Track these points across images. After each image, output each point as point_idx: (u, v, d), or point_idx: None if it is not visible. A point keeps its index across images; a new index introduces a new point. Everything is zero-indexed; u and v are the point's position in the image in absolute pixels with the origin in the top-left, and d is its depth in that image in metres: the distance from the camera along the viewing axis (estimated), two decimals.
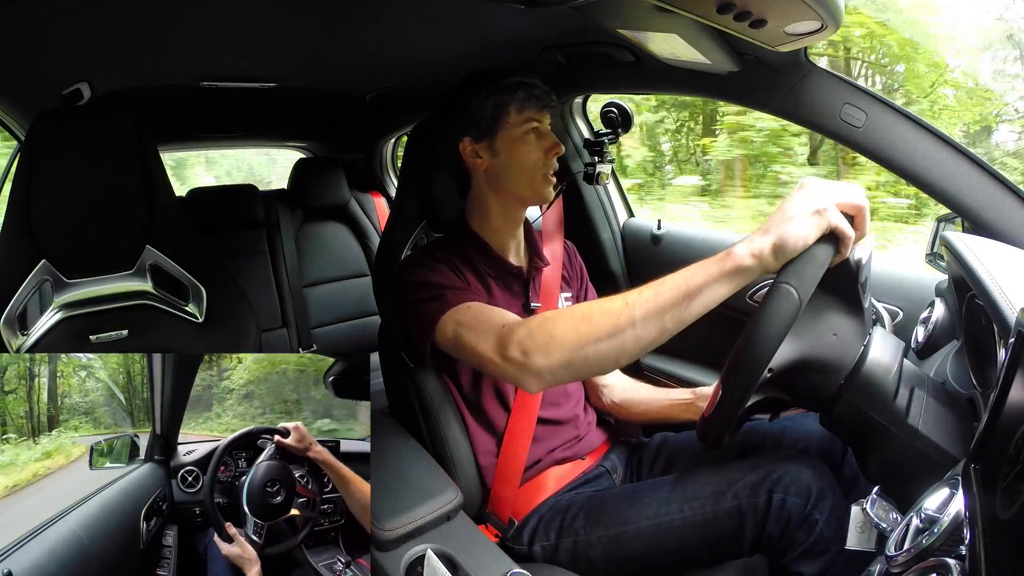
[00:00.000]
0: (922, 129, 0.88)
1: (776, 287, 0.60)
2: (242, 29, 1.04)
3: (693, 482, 0.85)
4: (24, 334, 0.89)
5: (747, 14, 0.70)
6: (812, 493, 0.75)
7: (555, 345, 0.70)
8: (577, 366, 0.69)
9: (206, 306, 0.98)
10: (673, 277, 0.66)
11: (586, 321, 0.68)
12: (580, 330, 0.68)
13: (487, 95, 0.94)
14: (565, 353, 0.69)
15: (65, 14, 0.87)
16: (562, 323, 0.70)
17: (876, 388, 0.66)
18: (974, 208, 0.85)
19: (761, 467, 0.80)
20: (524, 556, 0.93)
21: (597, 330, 0.67)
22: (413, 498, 0.83)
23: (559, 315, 0.72)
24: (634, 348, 0.67)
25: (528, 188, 0.96)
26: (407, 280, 0.92)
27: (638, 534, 0.84)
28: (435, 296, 0.87)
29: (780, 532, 0.76)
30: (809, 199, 0.61)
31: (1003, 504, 0.42)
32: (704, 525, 0.80)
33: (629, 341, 0.66)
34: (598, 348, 0.67)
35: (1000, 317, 0.60)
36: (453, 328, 0.83)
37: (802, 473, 0.77)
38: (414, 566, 0.77)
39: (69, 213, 0.89)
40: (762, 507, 0.77)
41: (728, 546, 0.80)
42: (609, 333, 0.67)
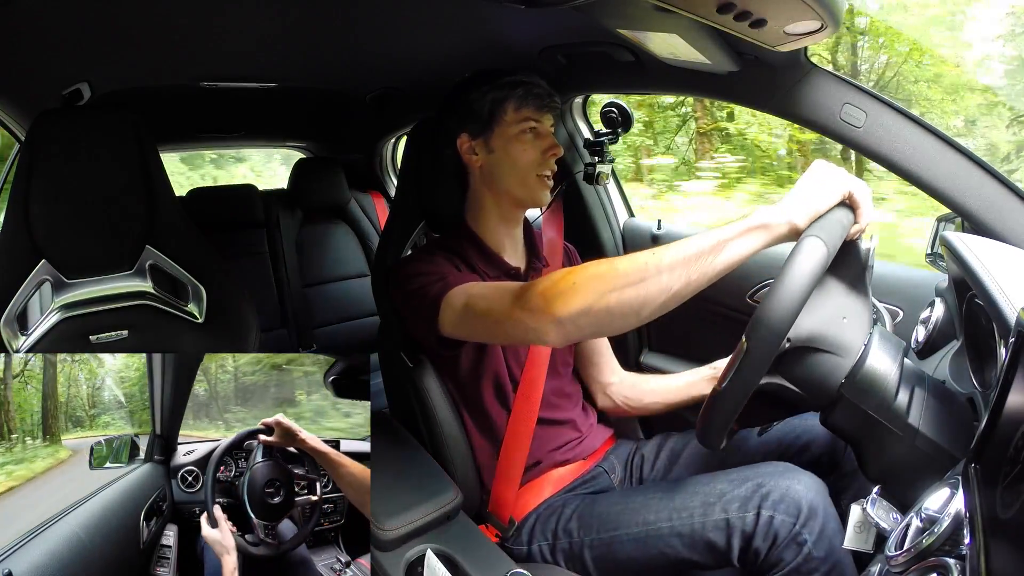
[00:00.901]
0: (922, 129, 0.88)
1: (804, 239, 0.62)
2: (242, 29, 1.04)
3: (684, 491, 0.84)
4: (24, 334, 0.89)
5: (747, 14, 0.70)
6: (802, 511, 0.74)
7: (577, 291, 0.67)
8: (599, 314, 0.67)
9: (206, 306, 0.98)
10: (696, 235, 0.67)
11: (611, 269, 0.67)
12: (605, 276, 0.67)
13: (487, 91, 0.94)
14: (588, 299, 0.66)
15: (65, 14, 0.87)
16: (585, 272, 0.69)
17: (876, 388, 0.66)
18: (974, 208, 0.85)
19: (752, 480, 0.79)
20: (523, 556, 0.93)
21: (623, 276, 0.66)
22: (413, 498, 0.83)
23: (583, 266, 0.70)
24: (659, 296, 0.65)
25: (521, 188, 0.96)
26: (405, 273, 0.91)
27: (628, 539, 0.84)
28: (436, 280, 0.86)
29: (767, 549, 0.75)
30: (826, 172, 0.66)
31: (1003, 504, 0.42)
32: (692, 535, 0.80)
33: (653, 289, 0.65)
34: (622, 295, 0.65)
35: (1000, 317, 0.60)
36: (463, 300, 0.81)
37: (792, 490, 0.76)
38: (414, 566, 0.77)
39: (69, 213, 0.89)
40: (750, 522, 0.76)
41: (714, 558, 0.80)
42: (634, 281, 0.65)
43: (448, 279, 0.86)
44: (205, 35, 1.05)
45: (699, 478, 0.86)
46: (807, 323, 0.66)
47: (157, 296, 0.95)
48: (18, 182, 0.88)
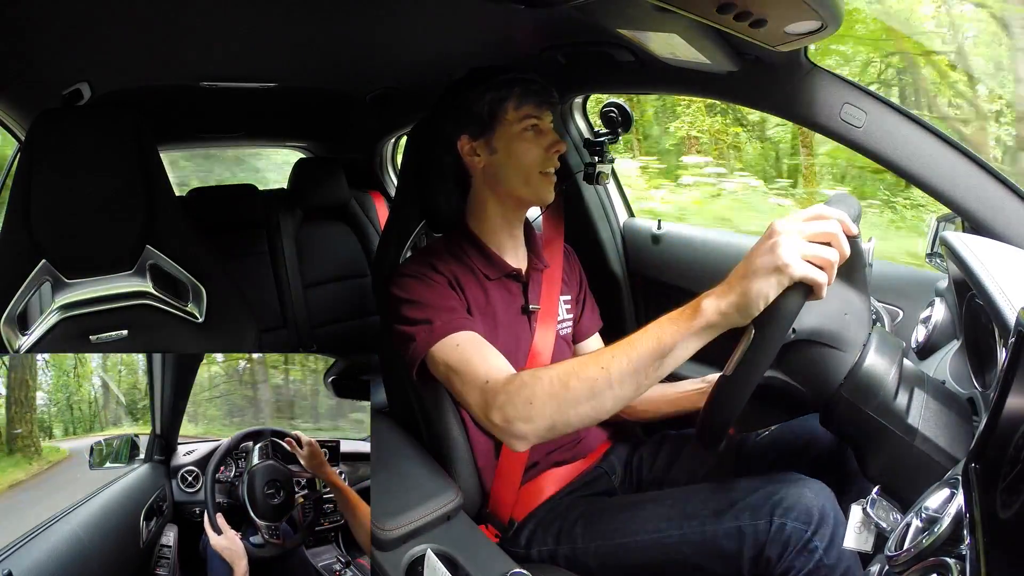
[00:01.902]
0: (922, 129, 0.88)
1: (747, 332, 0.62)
2: (242, 29, 1.04)
3: (694, 498, 0.84)
4: (24, 334, 0.89)
5: (747, 14, 0.70)
6: (814, 518, 0.74)
7: (535, 412, 0.72)
8: (560, 428, 0.72)
9: (206, 306, 0.98)
10: (646, 336, 0.67)
11: (564, 387, 0.70)
12: (559, 396, 0.70)
13: (484, 91, 0.93)
14: (546, 420, 0.72)
15: (65, 14, 0.87)
16: (540, 388, 0.72)
17: (876, 388, 0.66)
18: (974, 208, 0.85)
19: (763, 488, 0.79)
20: (522, 559, 0.93)
21: (576, 395, 0.70)
22: (413, 498, 0.83)
23: (537, 379, 0.73)
24: (613, 407, 0.70)
25: (526, 187, 0.95)
26: (397, 296, 0.90)
27: (636, 547, 0.84)
28: (424, 320, 0.86)
29: (778, 556, 0.75)
30: (772, 252, 0.60)
31: (1003, 504, 0.42)
32: (703, 543, 0.79)
33: (608, 402, 0.69)
34: (578, 411, 0.70)
35: (1000, 317, 0.60)
36: (443, 369, 0.84)
37: (804, 497, 0.76)
38: (414, 566, 0.77)
39: (69, 213, 0.89)
40: (763, 529, 0.76)
41: (725, 566, 0.79)
42: (587, 397, 0.69)
43: (434, 325, 0.85)
44: (205, 35, 1.05)
45: (709, 485, 0.86)
46: (811, 317, 0.67)
47: (157, 296, 0.95)
48: (18, 182, 0.88)
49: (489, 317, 0.94)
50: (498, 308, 0.96)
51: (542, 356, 0.99)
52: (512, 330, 0.97)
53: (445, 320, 0.85)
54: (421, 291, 0.89)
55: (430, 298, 0.88)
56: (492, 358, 0.82)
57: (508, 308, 0.97)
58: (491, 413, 0.76)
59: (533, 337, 0.99)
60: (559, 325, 1.03)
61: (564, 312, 1.06)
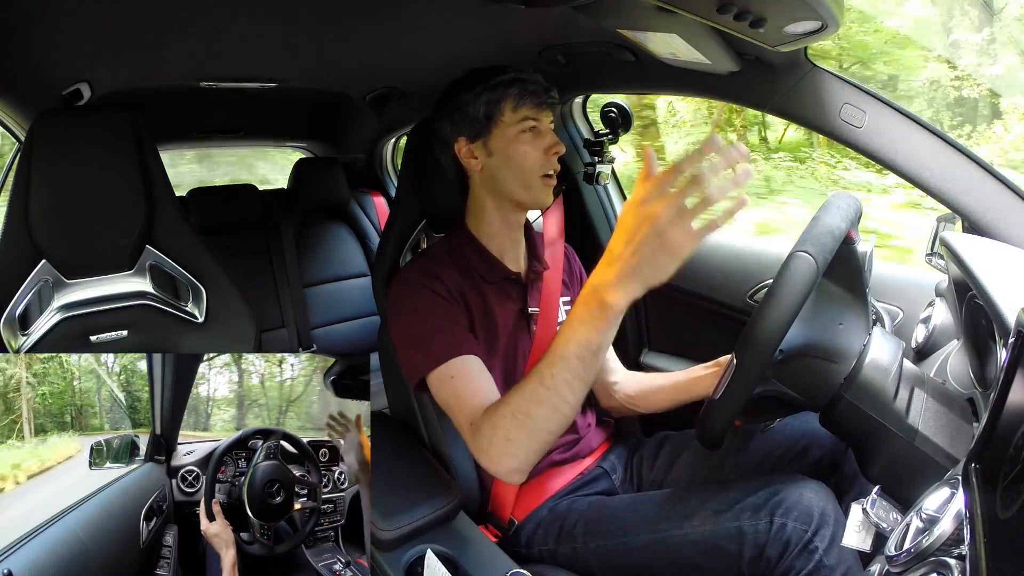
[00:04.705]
0: (922, 129, 0.88)
1: (793, 255, 0.61)
2: (242, 29, 1.04)
3: (695, 498, 0.84)
4: (24, 334, 0.89)
5: (747, 14, 0.70)
6: (814, 519, 0.74)
7: (515, 448, 0.74)
8: (542, 448, 0.75)
9: (206, 306, 0.98)
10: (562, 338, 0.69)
11: (527, 416, 0.72)
12: (526, 425, 0.73)
13: (481, 92, 0.91)
14: (524, 450, 0.74)
15: (65, 14, 0.87)
16: (509, 424, 0.74)
17: (876, 388, 0.66)
18: (974, 208, 0.85)
19: (764, 488, 0.79)
20: (522, 559, 0.93)
21: (539, 418, 0.72)
22: (413, 498, 0.83)
23: (502, 417, 0.74)
24: (574, 409, 0.72)
25: (524, 190, 0.93)
26: (397, 305, 0.91)
27: (637, 547, 0.84)
28: (422, 340, 0.86)
29: (779, 556, 0.75)
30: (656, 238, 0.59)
31: (1003, 504, 0.42)
32: (703, 543, 0.80)
33: (567, 408, 0.71)
34: (549, 427, 0.73)
35: (1000, 317, 0.60)
36: (440, 396, 0.86)
37: (805, 497, 0.76)
38: (414, 566, 0.77)
39: (69, 213, 0.89)
40: (763, 530, 0.76)
41: (725, 565, 0.79)
42: (550, 413, 0.71)
43: (432, 348, 0.85)
44: (205, 35, 1.05)
45: (709, 486, 0.86)
46: (801, 333, 0.66)
47: (157, 296, 0.95)
48: (18, 182, 0.88)
49: (489, 322, 0.94)
50: (497, 312, 0.95)
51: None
52: (512, 334, 0.97)
53: (443, 343, 0.85)
54: (421, 303, 0.88)
55: (429, 314, 0.87)
56: (481, 393, 0.83)
57: (507, 312, 0.97)
58: (480, 457, 0.78)
59: (533, 340, 0.99)
60: (559, 328, 1.03)
61: (564, 315, 1.05)
